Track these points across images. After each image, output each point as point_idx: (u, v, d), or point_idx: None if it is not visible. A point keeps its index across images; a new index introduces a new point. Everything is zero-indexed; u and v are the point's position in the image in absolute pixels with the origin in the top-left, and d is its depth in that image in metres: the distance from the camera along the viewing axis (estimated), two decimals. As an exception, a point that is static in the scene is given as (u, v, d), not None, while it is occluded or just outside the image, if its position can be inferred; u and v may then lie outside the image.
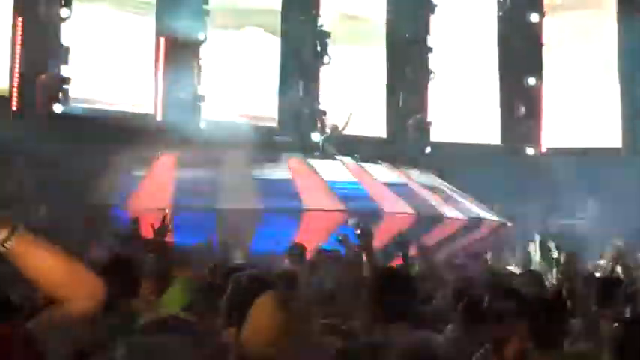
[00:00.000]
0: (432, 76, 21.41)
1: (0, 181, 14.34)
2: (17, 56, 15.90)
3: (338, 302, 6.46)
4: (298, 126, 19.35)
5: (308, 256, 8.94)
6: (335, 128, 17.87)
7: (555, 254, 9.07)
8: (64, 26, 16.26)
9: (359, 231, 6.50)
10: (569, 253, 7.41)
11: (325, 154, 17.33)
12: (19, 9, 16.03)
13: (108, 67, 17.16)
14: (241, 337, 2.71)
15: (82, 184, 13.81)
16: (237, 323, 3.28)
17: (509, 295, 4.88)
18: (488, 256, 12.85)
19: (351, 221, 6.81)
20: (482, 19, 22.93)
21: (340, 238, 8.03)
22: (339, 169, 16.26)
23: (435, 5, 21.80)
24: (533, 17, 22.70)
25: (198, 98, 17.75)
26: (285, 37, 19.98)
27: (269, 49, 19.77)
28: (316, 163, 16.37)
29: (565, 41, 22.82)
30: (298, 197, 14.70)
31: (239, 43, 19.03)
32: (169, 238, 9.36)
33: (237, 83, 18.81)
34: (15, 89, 15.84)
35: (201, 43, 17.99)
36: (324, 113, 19.40)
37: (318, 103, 19.81)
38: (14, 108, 15.74)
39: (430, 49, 21.58)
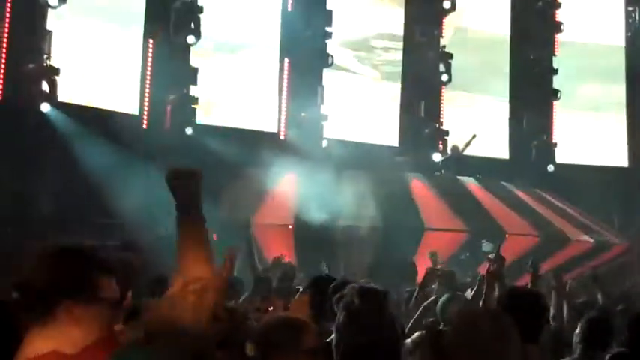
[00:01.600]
0: (558, 95, 21.00)
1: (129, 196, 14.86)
2: (147, 77, 16.47)
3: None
4: (419, 146, 19.33)
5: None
6: (455, 149, 17.73)
7: None
8: (192, 49, 16.76)
9: (493, 255, 6.46)
10: None
11: (446, 175, 17.24)
12: (149, 33, 16.61)
13: (233, 89, 17.59)
14: None
15: (209, 201, 14.15)
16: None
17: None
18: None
19: (486, 245, 6.72)
20: (609, 39, 22.44)
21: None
22: (460, 189, 16.16)
23: (561, 24, 21.45)
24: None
25: (321, 118, 17.96)
26: (407, 57, 20.04)
27: (391, 70, 19.86)
28: (437, 183, 16.32)
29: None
30: (419, 216, 14.68)
31: (361, 63, 19.19)
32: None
33: (359, 103, 18.96)
34: (145, 109, 16.41)
35: (327, 65, 18.21)
36: (446, 133, 19.32)
37: (440, 124, 19.76)
38: (144, 127, 16.30)
39: (555, 70, 21.21)
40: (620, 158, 21.82)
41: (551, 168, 20.55)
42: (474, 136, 17.57)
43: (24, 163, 13.97)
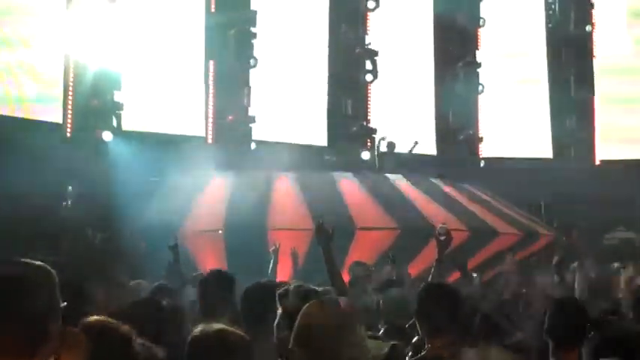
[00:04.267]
0: (480, 89, 21.30)
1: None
2: (70, 85, 16.21)
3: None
4: (348, 145, 19.38)
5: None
6: (391, 145, 17.83)
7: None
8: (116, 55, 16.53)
9: (443, 238, 6.62)
10: None
11: (376, 172, 17.30)
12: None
13: (159, 92, 17.39)
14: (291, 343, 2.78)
15: (137, 208, 13.98)
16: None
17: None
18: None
19: (441, 227, 6.91)
20: (531, 32, 22.80)
21: (390, 256, 8.06)
22: (389, 187, 16.22)
23: (483, 19, 21.69)
24: (586, 29, 22.53)
25: (249, 120, 17.89)
26: (332, 55, 20.07)
27: (317, 69, 19.87)
28: (366, 181, 16.36)
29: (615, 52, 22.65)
30: (350, 216, 14.68)
31: (287, 63, 19.14)
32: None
33: (286, 103, 18.92)
34: (69, 118, 16.15)
35: (251, 67, 18.13)
36: (374, 131, 19.40)
37: (367, 121, 19.84)
38: (68, 135, 16.05)
39: (479, 64, 21.50)
40: (544, 150, 22.23)
41: (482, 164, 20.88)
42: (417, 143, 17.78)
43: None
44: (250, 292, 5.15)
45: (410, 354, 5.13)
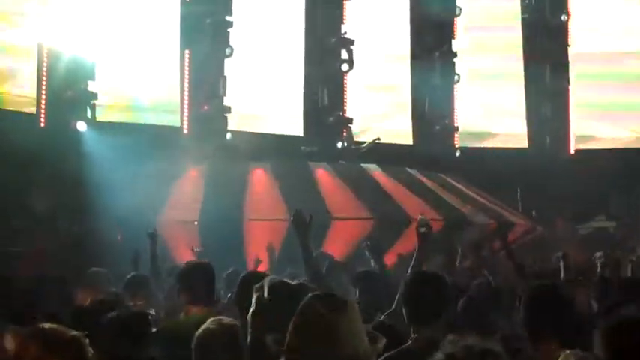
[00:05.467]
0: (456, 79, 21.30)
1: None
2: (44, 73, 16.04)
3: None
4: (324, 135, 19.34)
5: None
6: (350, 137, 17.78)
7: None
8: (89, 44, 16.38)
9: (424, 229, 6.51)
10: None
11: (351, 162, 17.31)
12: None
13: (133, 82, 17.27)
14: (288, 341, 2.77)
15: (112, 199, 13.92)
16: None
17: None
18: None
19: (421, 219, 6.80)
20: (506, 21, 22.85)
21: (368, 244, 8.01)
22: (365, 177, 16.25)
23: (460, 8, 21.65)
24: (561, 18, 22.62)
25: (224, 110, 17.79)
26: (309, 45, 19.98)
27: (293, 59, 19.78)
28: (342, 171, 16.37)
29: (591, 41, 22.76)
30: (325, 206, 14.70)
31: (263, 53, 19.05)
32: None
33: (262, 93, 18.84)
34: (42, 107, 16.00)
35: (226, 56, 18.01)
36: (350, 121, 19.37)
37: (343, 112, 19.79)
38: (42, 125, 15.90)
39: (455, 54, 21.50)
40: (520, 139, 22.31)
41: (457, 154, 20.90)
42: (377, 139, 17.64)
43: None
44: (246, 280, 5.21)
45: None
